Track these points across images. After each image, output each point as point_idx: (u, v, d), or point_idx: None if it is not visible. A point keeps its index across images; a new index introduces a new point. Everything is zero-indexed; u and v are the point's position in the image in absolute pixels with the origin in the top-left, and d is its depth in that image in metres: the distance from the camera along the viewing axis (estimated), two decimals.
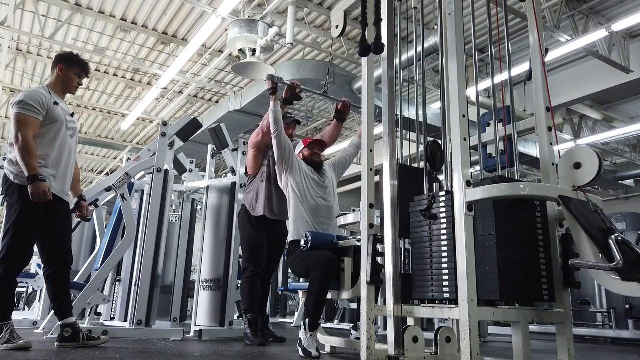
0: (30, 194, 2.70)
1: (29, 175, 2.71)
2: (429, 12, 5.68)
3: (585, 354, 3.84)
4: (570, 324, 2.10)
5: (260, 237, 3.71)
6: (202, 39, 6.75)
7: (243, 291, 3.64)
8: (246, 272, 3.64)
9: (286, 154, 3.33)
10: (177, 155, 5.07)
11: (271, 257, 3.81)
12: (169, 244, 5.05)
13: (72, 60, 3.11)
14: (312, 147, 3.52)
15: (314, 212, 3.25)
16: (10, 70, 8.78)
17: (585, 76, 7.52)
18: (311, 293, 2.82)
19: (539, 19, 2.42)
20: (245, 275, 3.64)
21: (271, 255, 3.80)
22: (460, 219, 1.94)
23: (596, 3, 6.55)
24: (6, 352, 2.50)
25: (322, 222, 3.25)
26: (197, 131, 4.42)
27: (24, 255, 2.81)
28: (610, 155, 11.07)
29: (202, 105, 10.55)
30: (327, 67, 7.12)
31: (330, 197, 3.39)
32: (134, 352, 2.71)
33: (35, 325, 4.55)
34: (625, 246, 1.76)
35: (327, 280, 2.79)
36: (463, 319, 1.83)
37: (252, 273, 3.62)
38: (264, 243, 3.72)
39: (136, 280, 3.78)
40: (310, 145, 3.52)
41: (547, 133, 2.27)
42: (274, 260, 3.92)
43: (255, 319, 3.54)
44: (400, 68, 2.73)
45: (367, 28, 2.31)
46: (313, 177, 3.39)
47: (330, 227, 3.27)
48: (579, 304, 5.67)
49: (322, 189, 3.38)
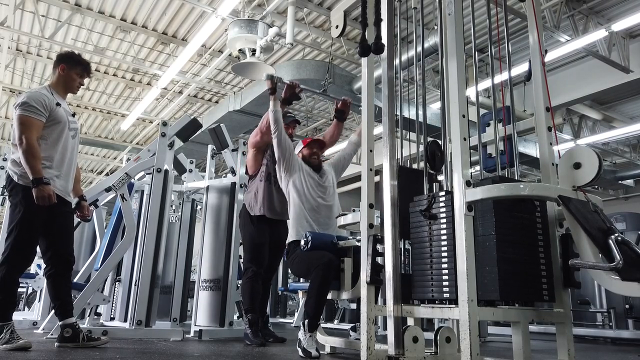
0: (35, 197, 2.70)
1: (34, 179, 2.71)
2: (429, 12, 5.67)
3: (585, 354, 3.84)
4: (570, 324, 2.10)
5: (261, 236, 3.71)
6: (202, 39, 6.75)
7: (244, 291, 3.63)
8: (247, 272, 3.64)
9: (286, 154, 3.33)
10: (177, 156, 5.08)
11: (272, 257, 3.80)
12: (169, 244, 5.05)
13: (74, 60, 3.11)
14: (311, 147, 3.51)
15: (314, 212, 3.25)
16: (10, 71, 8.78)
17: (585, 76, 7.52)
18: (311, 294, 2.82)
19: (539, 19, 2.42)
20: (246, 275, 3.64)
21: (272, 256, 3.79)
22: (460, 219, 1.94)
23: (596, 3, 6.55)
24: (6, 352, 2.50)
25: (322, 222, 3.25)
26: (197, 131, 4.42)
27: (27, 255, 2.81)
28: (610, 155, 11.07)
29: (202, 106, 10.55)
30: (327, 67, 7.12)
31: (330, 198, 3.38)
32: (134, 352, 2.71)
33: (35, 326, 4.55)
34: (625, 246, 1.76)
35: (327, 281, 2.78)
36: (463, 319, 1.83)
37: (254, 273, 3.62)
38: (266, 242, 3.72)
39: (136, 280, 3.78)
40: (310, 145, 3.52)
41: (547, 133, 2.27)
42: (275, 260, 3.91)
43: (256, 319, 3.54)
44: (400, 68, 2.73)
45: (367, 28, 2.31)
46: (313, 177, 3.38)
47: (330, 227, 3.27)
48: (579, 303, 5.67)
49: (322, 189, 3.38)
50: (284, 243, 3.72)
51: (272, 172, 3.72)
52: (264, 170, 3.82)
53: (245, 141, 4.36)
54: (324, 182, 3.42)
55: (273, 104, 3.34)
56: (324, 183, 3.42)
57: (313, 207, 3.26)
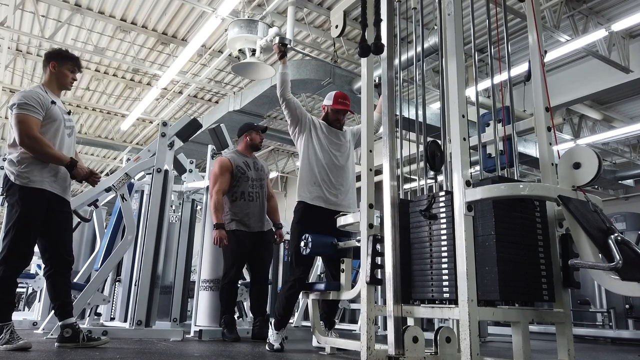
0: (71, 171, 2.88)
1: (56, 160, 2.85)
2: (429, 12, 5.67)
3: (585, 354, 3.84)
4: (570, 324, 2.10)
5: (241, 246, 3.93)
6: (202, 39, 6.75)
7: (221, 296, 3.91)
8: (226, 277, 3.90)
9: (298, 113, 3.33)
10: (177, 156, 5.07)
11: (256, 262, 3.99)
12: (169, 244, 5.05)
13: (63, 55, 3.09)
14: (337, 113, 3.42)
15: (325, 172, 3.23)
16: (10, 71, 8.78)
17: (584, 76, 7.52)
18: (280, 300, 3.13)
19: (539, 19, 2.42)
20: (224, 280, 3.92)
21: (255, 261, 3.98)
22: (460, 219, 1.94)
23: (596, 3, 6.55)
24: (6, 353, 2.50)
25: (333, 183, 3.23)
26: (197, 131, 4.42)
27: (25, 255, 2.81)
28: (610, 155, 11.07)
29: (202, 106, 10.55)
30: (328, 67, 7.12)
31: (343, 159, 3.34)
32: (133, 352, 2.71)
33: (35, 326, 4.56)
34: (624, 246, 1.76)
35: (294, 297, 3.11)
36: (463, 319, 1.83)
37: (231, 279, 3.87)
38: (245, 252, 3.92)
39: (136, 280, 3.78)
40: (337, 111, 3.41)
41: (547, 133, 2.27)
42: (261, 264, 4.02)
43: (230, 320, 3.82)
44: (399, 68, 2.73)
45: (366, 28, 2.31)
46: (329, 135, 3.35)
47: (341, 193, 3.25)
48: (579, 303, 5.68)
49: (337, 147, 3.34)
50: (266, 240, 4.01)
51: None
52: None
53: None
54: (339, 141, 3.37)
55: (283, 67, 3.33)
56: (340, 142, 3.37)
57: (324, 166, 3.24)
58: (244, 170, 3.97)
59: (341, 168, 3.30)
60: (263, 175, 4.10)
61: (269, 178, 4.19)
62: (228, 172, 3.92)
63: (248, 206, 3.92)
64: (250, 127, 4.18)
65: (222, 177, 3.89)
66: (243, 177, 3.94)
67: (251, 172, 4.01)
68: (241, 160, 4.02)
